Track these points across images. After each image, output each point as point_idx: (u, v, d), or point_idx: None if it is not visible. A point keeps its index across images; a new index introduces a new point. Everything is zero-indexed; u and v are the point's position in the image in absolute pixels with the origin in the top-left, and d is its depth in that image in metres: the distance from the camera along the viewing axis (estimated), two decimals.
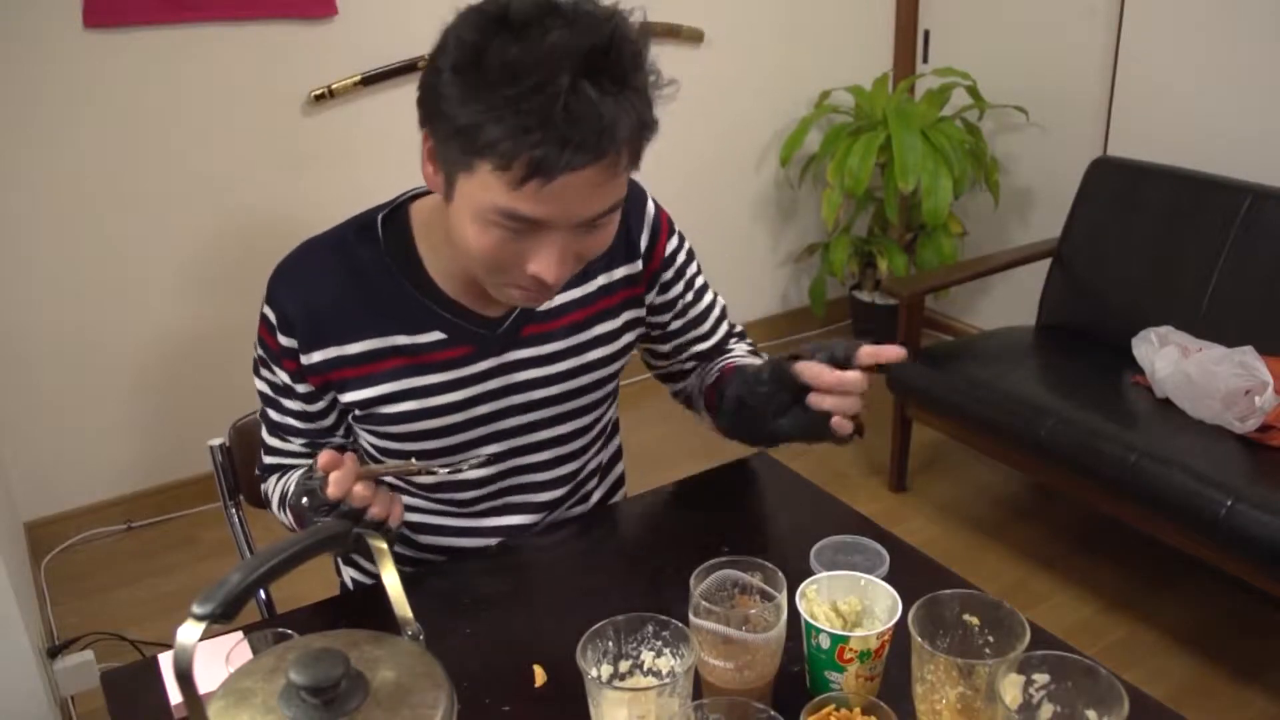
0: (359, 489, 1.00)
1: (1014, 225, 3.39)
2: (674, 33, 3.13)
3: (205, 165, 2.60)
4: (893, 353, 1.02)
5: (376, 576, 1.16)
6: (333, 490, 0.98)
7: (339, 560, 1.44)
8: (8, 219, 2.43)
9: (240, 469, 1.41)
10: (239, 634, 0.98)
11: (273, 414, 1.21)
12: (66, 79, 2.39)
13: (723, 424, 1.24)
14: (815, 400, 1.05)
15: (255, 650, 0.93)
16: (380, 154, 2.76)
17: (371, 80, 2.70)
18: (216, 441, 1.40)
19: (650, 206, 1.24)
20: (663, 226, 1.25)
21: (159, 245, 2.61)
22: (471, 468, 1.17)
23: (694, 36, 3.18)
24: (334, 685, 0.68)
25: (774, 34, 3.35)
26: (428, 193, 1.15)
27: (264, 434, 1.25)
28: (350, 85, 2.68)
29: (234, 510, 1.42)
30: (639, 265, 1.22)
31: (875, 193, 3.32)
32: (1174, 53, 2.77)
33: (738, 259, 3.58)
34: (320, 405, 1.18)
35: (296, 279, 1.13)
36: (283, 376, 1.16)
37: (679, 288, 1.27)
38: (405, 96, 2.88)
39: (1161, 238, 2.56)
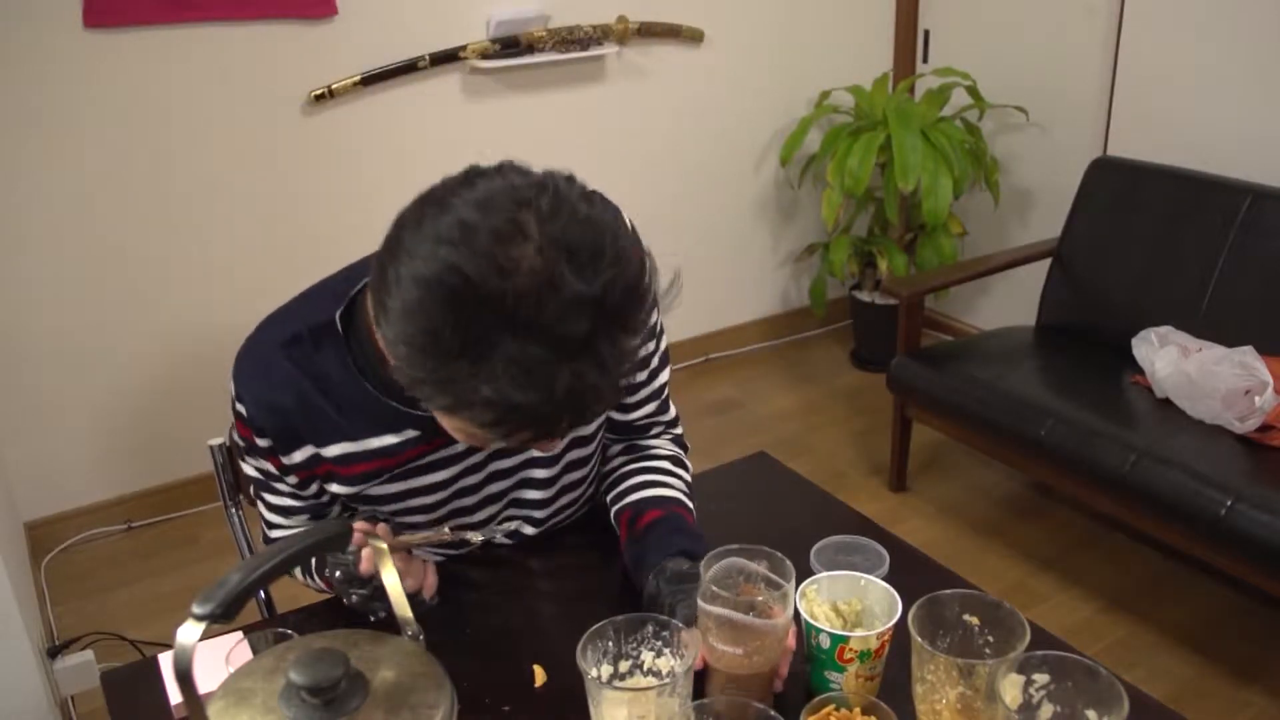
0: (398, 565, 1.00)
1: (1014, 225, 3.39)
2: (674, 33, 3.13)
3: (205, 165, 2.60)
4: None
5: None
6: (366, 566, 0.98)
7: None
8: (8, 219, 2.43)
9: (240, 469, 1.41)
10: (239, 634, 0.98)
11: (269, 497, 1.17)
12: (66, 79, 2.39)
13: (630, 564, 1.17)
14: (780, 682, 0.97)
15: (255, 650, 0.93)
16: (380, 154, 2.77)
17: (371, 80, 2.70)
18: (216, 441, 1.40)
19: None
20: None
21: (158, 245, 2.61)
22: (505, 535, 1.19)
23: (694, 36, 3.18)
24: (334, 685, 0.68)
25: (774, 34, 3.35)
26: None
27: (263, 511, 1.20)
28: (350, 85, 2.68)
29: (234, 510, 1.42)
30: None
31: (875, 193, 3.32)
32: (1174, 53, 2.77)
33: (738, 259, 3.59)
34: (312, 490, 1.15)
35: (258, 380, 1.08)
36: (269, 467, 1.12)
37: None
38: (405, 96, 2.90)
39: (1161, 238, 2.56)
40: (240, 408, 1.09)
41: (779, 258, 3.67)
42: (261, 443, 1.09)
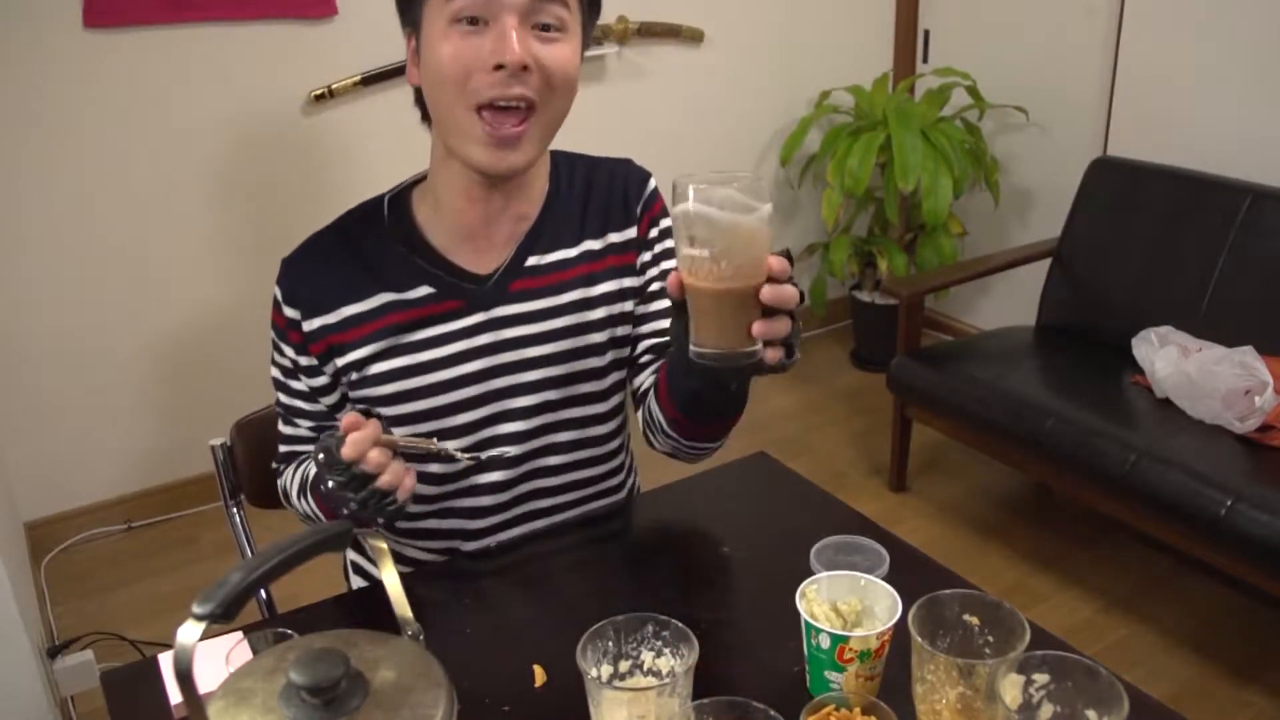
0: (374, 454, 1.00)
1: (1014, 225, 3.39)
2: (674, 33, 3.14)
3: (205, 165, 2.60)
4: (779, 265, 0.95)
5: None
6: (348, 450, 0.98)
7: (349, 566, 1.44)
8: (8, 219, 2.43)
9: (241, 469, 1.41)
10: (239, 634, 0.98)
11: (284, 397, 1.24)
12: (66, 79, 2.39)
13: (663, 407, 1.19)
14: (760, 329, 0.95)
15: (255, 650, 0.93)
16: (380, 154, 2.76)
17: (371, 80, 2.70)
18: (217, 441, 1.40)
19: (651, 183, 1.29)
20: (658, 201, 1.28)
21: (159, 245, 2.61)
22: (490, 458, 1.20)
23: (694, 36, 3.18)
24: (334, 685, 0.68)
25: (774, 34, 3.35)
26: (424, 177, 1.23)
27: (279, 426, 1.27)
28: (350, 85, 2.68)
29: (234, 510, 1.42)
30: (632, 232, 1.25)
31: (875, 193, 3.32)
32: (1174, 53, 2.77)
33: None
34: (324, 379, 1.21)
35: (302, 259, 1.20)
36: (289, 354, 1.20)
37: (653, 271, 1.27)
38: (405, 96, 2.87)
39: (1161, 238, 2.56)
40: (276, 290, 1.20)
41: None
42: (290, 313, 1.18)
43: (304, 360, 1.20)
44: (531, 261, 1.20)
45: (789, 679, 0.97)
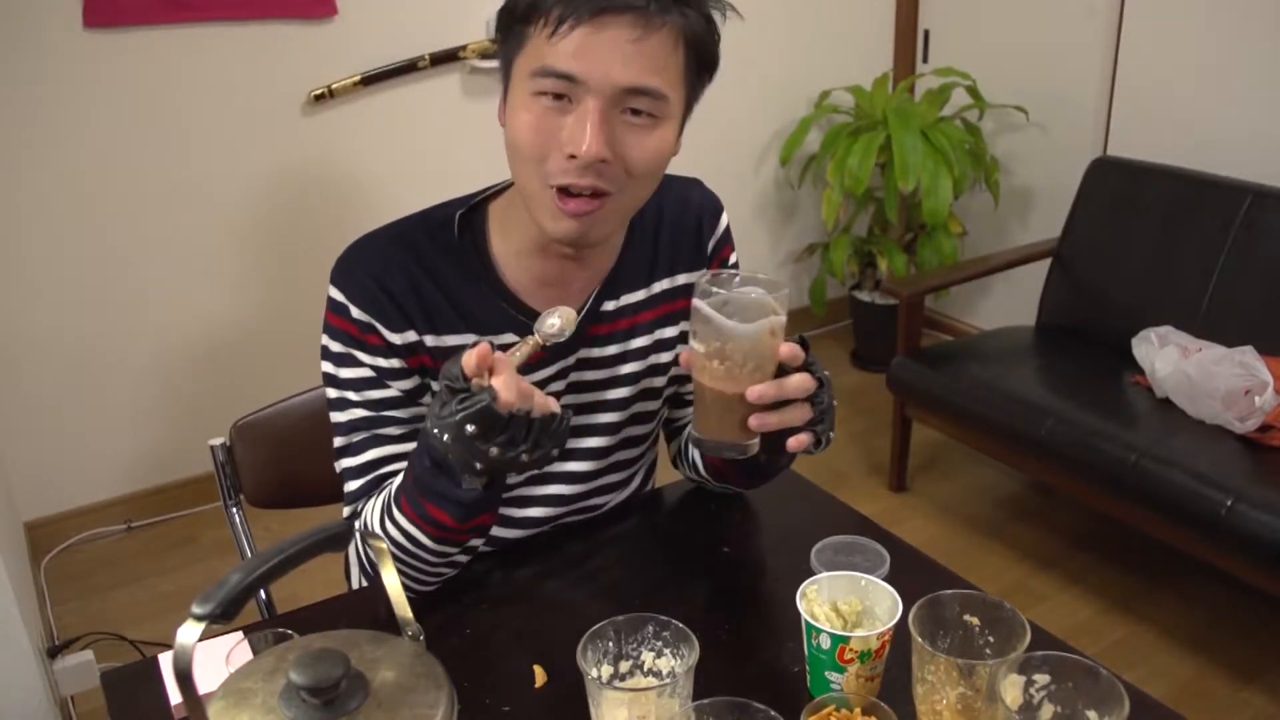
0: (524, 384, 0.91)
1: (1014, 225, 3.39)
2: None
3: (205, 165, 2.60)
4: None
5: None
6: (507, 395, 0.88)
7: (348, 564, 1.43)
8: (7, 219, 2.43)
9: (241, 469, 1.41)
10: (239, 634, 0.98)
11: (361, 413, 1.09)
12: (66, 79, 2.39)
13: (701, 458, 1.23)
14: (756, 423, 0.97)
15: (255, 650, 0.93)
16: (380, 154, 2.77)
17: (371, 80, 2.70)
18: (217, 441, 1.40)
19: (723, 220, 1.27)
20: (728, 244, 1.29)
21: (158, 245, 2.61)
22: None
23: None
24: (334, 685, 0.68)
25: (774, 34, 3.35)
26: (502, 190, 1.14)
27: (345, 460, 1.11)
28: (350, 85, 2.68)
29: (234, 510, 1.42)
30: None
31: (875, 193, 3.32)
32: (1174, 53, 2.77)
33: (738, 259, 3.58)
34: (415, 381, 1.10)
35: (364, 264, 1.08)
36: (368, 360, 1.08)
37: None
38: (405, 96, 2.90)
39: (1161, 238, 2.56)
40: (337, 294, 1.08)
41: (779, 258, 3.67)
42: (360, 315, 1.06)
43: (389, 363, 1.08)
44: (608, 306, 1.17)
45: (789, 679, 0.97)
